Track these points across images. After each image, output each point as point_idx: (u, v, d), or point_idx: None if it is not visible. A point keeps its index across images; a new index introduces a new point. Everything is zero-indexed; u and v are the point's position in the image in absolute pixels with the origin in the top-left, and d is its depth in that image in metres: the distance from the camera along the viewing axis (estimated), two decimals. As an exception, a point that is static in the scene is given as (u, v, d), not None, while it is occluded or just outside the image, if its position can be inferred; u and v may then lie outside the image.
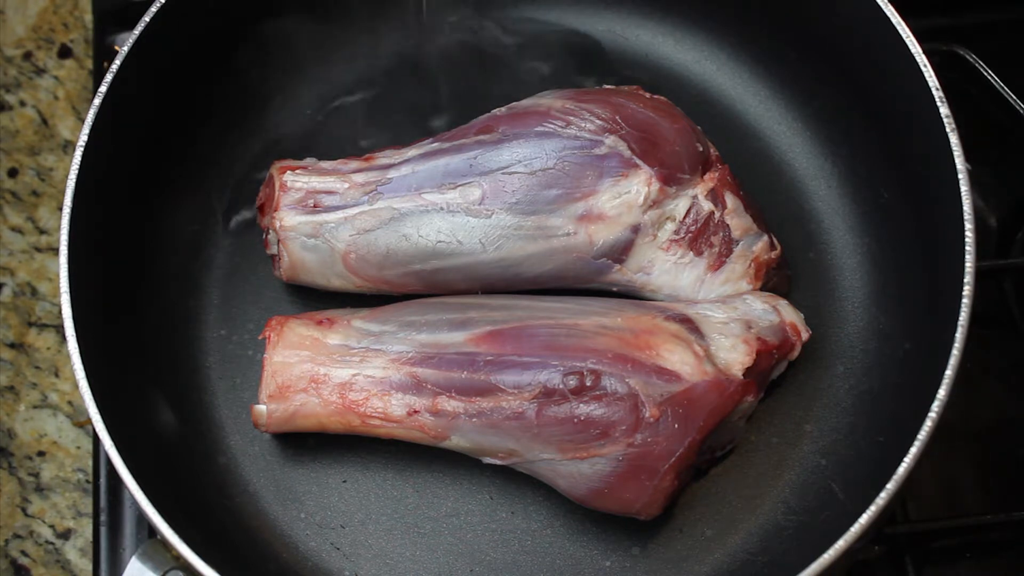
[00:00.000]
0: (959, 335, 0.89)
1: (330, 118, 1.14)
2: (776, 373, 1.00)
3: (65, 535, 1.15)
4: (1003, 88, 1.14)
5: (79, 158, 0.97)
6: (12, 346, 1.21)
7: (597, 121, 1.00)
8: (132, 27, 1.01)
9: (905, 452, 0.87)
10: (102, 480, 1.08)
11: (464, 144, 1.01)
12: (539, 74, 1.14)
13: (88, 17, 1.32)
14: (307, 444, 1.02)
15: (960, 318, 0.90)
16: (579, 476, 0.94)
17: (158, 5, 1.02)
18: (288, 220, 1.01)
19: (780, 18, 1.10)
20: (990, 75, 1.14)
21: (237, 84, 1.11)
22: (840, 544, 0.86)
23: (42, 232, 1.25)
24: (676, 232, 1.01)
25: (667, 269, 1.01)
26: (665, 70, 1.15)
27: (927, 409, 0.88)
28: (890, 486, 0.86)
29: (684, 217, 1.00)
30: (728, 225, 1.01)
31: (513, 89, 1.10)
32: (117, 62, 1.00)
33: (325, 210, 1.01)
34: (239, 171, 1.11)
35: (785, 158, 1.11)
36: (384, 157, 1.04)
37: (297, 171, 1.03)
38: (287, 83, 1.14)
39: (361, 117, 1.14)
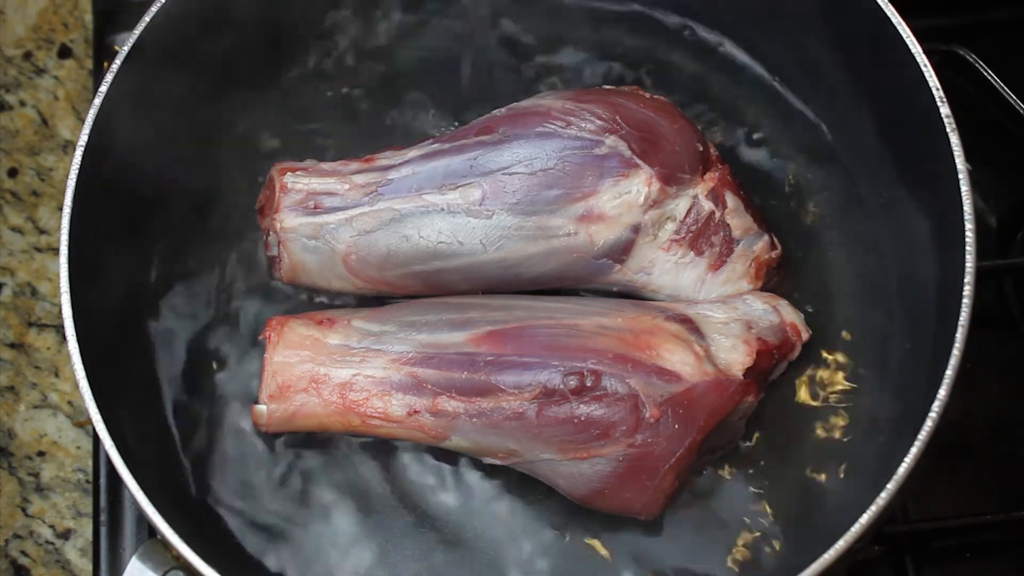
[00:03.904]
0: (959, 335, 0.89)
1: (333, 118, 1.13)
2: (776, 373, 1.00)
3: (65, 535, 1.15)
4: (1003, 88, 1.13)
5: (79, 158, 0.97)
6: (12, 346, 1.21)
7: (597, 121, 1.00)
8: (132, 27, 1.01)
9: (905, 452, 0.87)
10: (102, 480, 1.08)
11: (464, 145, 1.02)
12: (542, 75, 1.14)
13: (88, 17, 1.32)
14: (307, 444, 1.02)
15: (960, 318, 0.90)
16: (579, 476, 0.94)
17: (158, 5, 1.01)
18: (288, 222, 1.01)
19: (780, 18, 1.10)
20: (990, 75, 1.14)
21: (238, 84, 1.11)
22: (840, 544, 0.86)
23: (42, 232, 1.25)
24: (677, 232, 1.01)
25: (668, 269, 1.01)
26: (663, 71, 1.15)
27: (927, 409, 0.88)
28: (890, 486, 0.86)
29: (684, 217, 1.00)
30: (729, 225, 1.01)
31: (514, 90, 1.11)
32: (117, 62, 1.00)
33: (325, 211, 1.01)
34: (239, 171, 1.11)
35: (785, 157, 1.11)
36: (384, 158, 1.04)
37: (297, 172, 1.03)
38: (288, 82, 1.13)
39: (362, 118, 1.13)
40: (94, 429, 0.91)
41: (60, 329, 1.20)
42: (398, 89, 1.14)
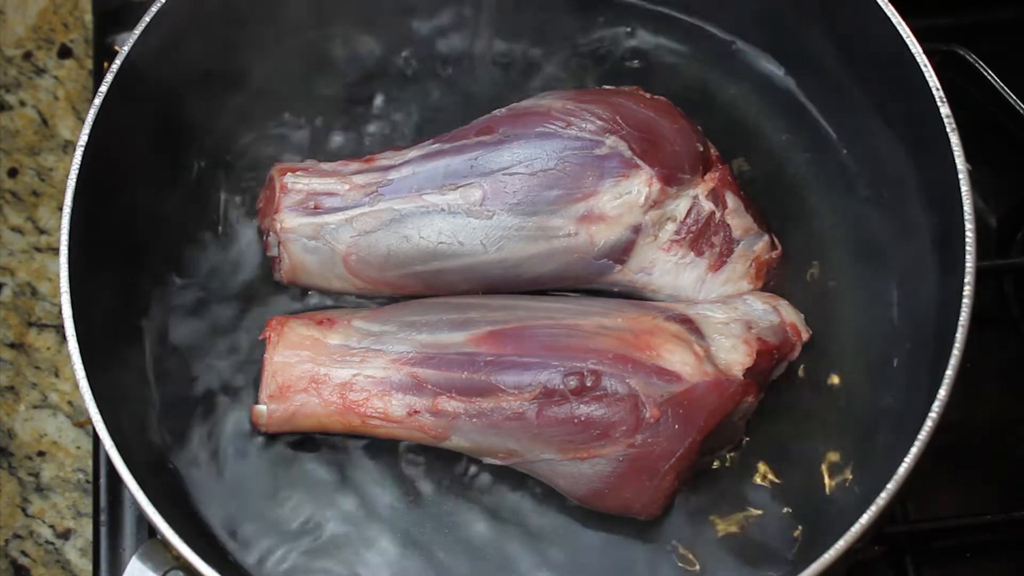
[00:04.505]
0: (959, 335, 0.89)
1: (336, 119, 1.13)
2: (776, 373, 1.00)
3: (65, 535, 1.15)
4: (1003, 88, 1.13)
5: (79, 158, 0.97)
6: (12, 346, 1.21)
7: (597, 121, 1.00)
8: (132, 27, 1.01)
9: (905, 452, 0.87)
10: (102, 480, 1.08)
11: (465, 145, 1.02)
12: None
13: (88, 17, 1.32)
14: (307, 444, 1.02)
15: (960, 318, 0.90)
16: (579, 476, 0.94)
17: (158, 5, 1.01)
18: (289, 222, 1.01)
19: (780, 18, 1.10)
20: (990, 75, 1.14)
21: (239, 85, 1.11)
22: (840, 544, 0.86)
23: (42, 232, 1.25)
24: (677, 232, 1.01)
25: (668, 269, 1.01)
26: (664, 70, 1.15)
27: (927, 409, 0.88)
28: (890, 486, 0.86)
29: (685, 217, 1.01)
30: (729, 225, 1.01)
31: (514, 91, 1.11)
32: (117, 62, 1.00)
33: (326, 211, 1.01)
34: (240, 173, 1.11)
35: (785, 158, 1.11)
36: (384, 158, 1.04)
37: (297, 172, 1.03)
38: (289, 83, 1.13)
39: (364, 119, 1.13)
40: (94, 429, 0.91)
41: (60, 329, 1.20)
42: (398, 88, 1.14)
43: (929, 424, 0.88)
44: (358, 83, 1.14)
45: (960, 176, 0.93)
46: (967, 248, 0.91)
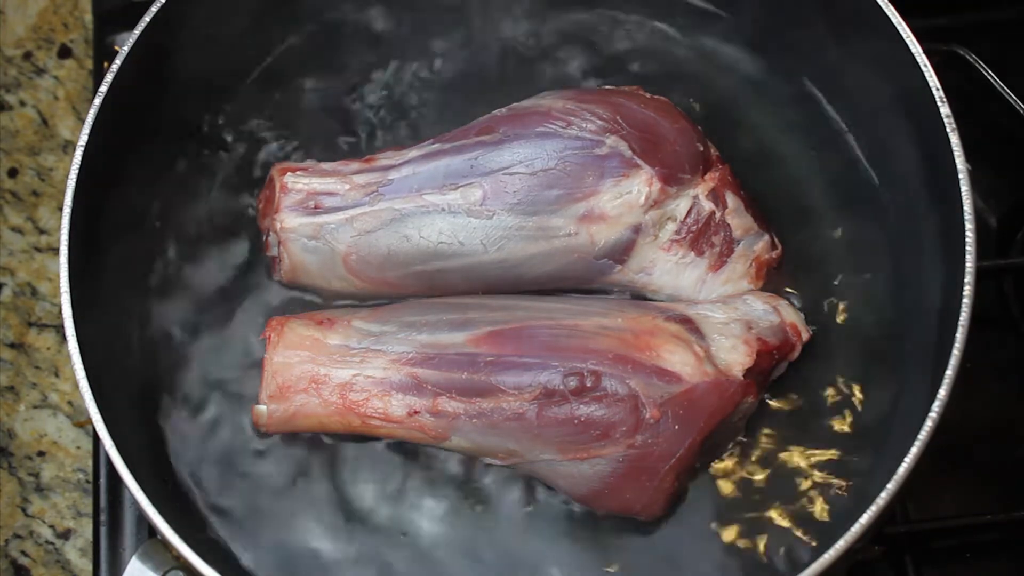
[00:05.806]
0: (959, 335, 0.89)
1: (338, 120, 1.13)
2: (776, 373, 1.00)
3: (65, 535, 1.15)
4: (1003, 88, 1.13)
5: (79, 158, 0.97)
6: (12, 346, 1.21)
7: (598, 121, 1.00)
8: (132, 27, 1.01)
9: (905, 452, 0.87)
10: (102, 480, 1.08)
11: (465, 145, 1.02)
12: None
13: (88, 17, 1.33)
14: (307, 444, 1.02)
15: (960, 318, 0.90)
16: (579, 477, 0.94)
17: (158, 5, 1.02)
18: (289, 222, 1.01)
19: (779, 18, 1.10)
20: (990, 75, 1.14)
21: (238, 86, 1.11)
22: (840, 544, 0.86)
23: (42, 232, 1.26)
24: (677, 232, 1.01)
25: (668, 269, 1.01)
26: (665, 70, 1.15)
27: (927, 409, 0.88)
28: (890, 486, 0.86)
29: (685, 217, 1.01)
30: (729, 225, 1.01)
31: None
32: (117, 62, 1.00)
33: (326, 211, 1.01)
34: (241, 175, 1.11)
35: (785, 158, 1.11)
36: (385, 158, 1.04)
37: (298, 172, 1.03)
38: (288, 85, 1.13)
39: (366, 119, 1.13)
40: (94, 429, 0.91)
41: (60, 329, 1.20)
42: (399, 88, 1.14)
43: (929, 424, 0.88)
44: (359, 82, 1.14)
45: (960, 176, 0.93)
46: (967, 248, 0.91)
